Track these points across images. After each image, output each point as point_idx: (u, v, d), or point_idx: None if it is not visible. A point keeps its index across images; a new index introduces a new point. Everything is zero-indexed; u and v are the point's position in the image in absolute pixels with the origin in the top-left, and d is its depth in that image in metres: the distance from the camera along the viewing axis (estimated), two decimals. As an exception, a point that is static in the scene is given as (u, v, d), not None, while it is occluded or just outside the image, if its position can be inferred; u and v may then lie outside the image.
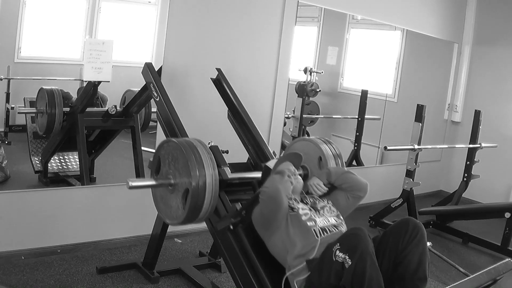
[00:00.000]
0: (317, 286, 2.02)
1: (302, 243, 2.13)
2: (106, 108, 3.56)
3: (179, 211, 2.26)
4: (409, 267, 2.04)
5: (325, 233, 2.16)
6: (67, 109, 3.48)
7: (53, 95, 3.40)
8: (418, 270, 2.04)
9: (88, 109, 3.48)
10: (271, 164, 2.45)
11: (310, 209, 2.28)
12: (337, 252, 1.93)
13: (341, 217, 2.35)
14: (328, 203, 2.38)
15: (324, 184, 2.42)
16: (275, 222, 2.18)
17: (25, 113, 3.57)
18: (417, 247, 2.07)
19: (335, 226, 2.25)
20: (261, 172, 2.52)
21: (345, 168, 2.54)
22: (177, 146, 2.25)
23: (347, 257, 1.89)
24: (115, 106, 3.53)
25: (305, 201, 2.36)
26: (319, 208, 2.32)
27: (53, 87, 3.44)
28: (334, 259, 1.93)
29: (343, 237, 2.00)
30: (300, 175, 2.45)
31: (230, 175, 2.43)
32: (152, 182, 2.34)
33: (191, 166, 2.16)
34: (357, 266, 1.87)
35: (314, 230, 2.16)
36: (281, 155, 2.59)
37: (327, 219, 2.27)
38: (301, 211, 2.23)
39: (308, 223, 2.18)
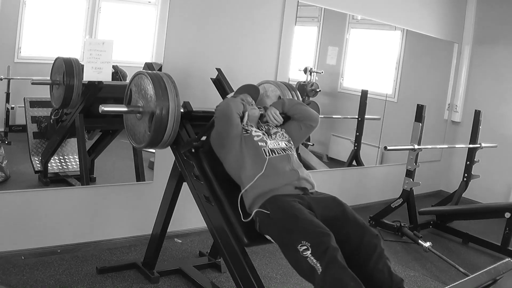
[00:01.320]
0: (272, 227, 2.19)
1: (252, 160, 2.37)
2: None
3: (145, 134, 2.55)
4: (382, 276, 2.03)
5: (273, 154, 2.41)
6: (86, 81, 3.33)
7: (71, 65, 3.30)
8: (392, 277, 2.03)
9: (110, 82, 3.38)
10: (230, 95, 2.72)
11: (263, 134, 2.51)
12: (308, 253, 1.94)
13: (291, 142, 2.58)
14: (281, 130, 2.61)
15: (279, 113, 2.62)
16: (229, 139, 2.42)
17: (40, 83, 3.43)
18: (379, 259, 2.06)
19: (283, 149, 2.47)
20: None
21: (299, 100, 2.81)
22: (146, 77, 2.52)
23: (318, 264, 1.91)
24: None
25: (260, 128, 2.57)
26: (272, 133, 2.55)
27: (71, 56, 3.34)
28: (302, 253, 1.95)
29: (313, 238, 1.98)
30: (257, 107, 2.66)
31: (195, 108, 2.67)
32: (124, 108, 2.62)
33: (157, 94, 2.45)
34: (328, 275, 1.87)
35: (264, 150, 2.40)
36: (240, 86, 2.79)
37: (277, 143, 2.50)
38: (254, 133, 2.48)
39: (260, 143, 2.43)
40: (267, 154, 2.39)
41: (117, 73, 3.62)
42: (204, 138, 2.57)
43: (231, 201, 2.40)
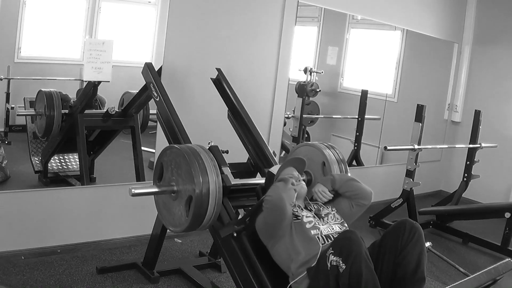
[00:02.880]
0: None
1: (306, 251, 2.12)
2: (105, 109, 3.56)
3: (182, 218, 2.25)
4: (408, 268, 2.04)
5: (329, 241, 2.14)
6: (66, 111, 3.49)
7: (51, 98, 3.41)
8: (417, 271, 2.04)
9: (87, 111, 3.49)
10: (274, 170, 2.43)
11: (314, 216, 2.26)
12: (331, 256, 1.93)
13: (345, 225, 2.32)
14: (332, 210, 2.36)
15: (328, 191, 2.40)
16: (279, 231, 2.16)
17: (24, 115, 3.59)
18: (414, 248, 2.07)
19: (339, 233, 2.21)
20: (264, 178, 2.51)
21: (350, 175, 2.51)
22: (180, 152, 2.25)
23: (340, 261, 1.89)
24: (114, 107, 3.53)
25: (309, 208, 2.33)
26: (323, 215, 2.30)
27: (51, 89, 3.45)
28: (328, 264, 1.93)
29: (335, 241, 2.00)
30: (303, 180, 2.42)
31: (233, 181, 2.41)
32: (155, 189, 2.33)
33: (195, 173, 2.16)
34: (352, 269, 1.87)
35: (318, 237, 2.15)
36: (285, 160, 2.54)
37: (331, 227, 2.25)
38: (305, 219, 2.21)
39: (312, 231, 2.17)
40: (322, 243, 2.13)
41: (96, 100, 3.65)
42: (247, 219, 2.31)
43: None
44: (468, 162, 4.68)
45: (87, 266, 3.00)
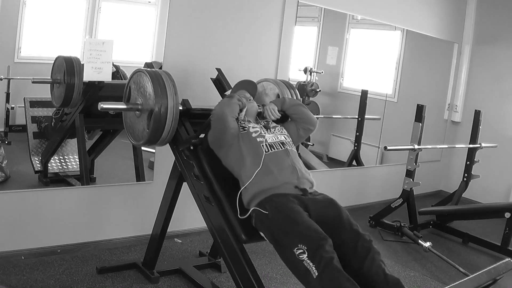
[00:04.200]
0: (268, 226, 2.18)
1: (251, 156, 2.37)
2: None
3: (144, 132, 2.57)
4: (378, 277, 2.01)
5: (272, 149, 2.40)
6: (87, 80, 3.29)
7: (72, 63, 3.28)
8: (386, 277, 2.01)
9: (111, 81, 3.36)
10: (229, 93, 2.73)
11: (261, 128, 2.51)
12: (304, 256, 1.95)
13: (290, 138, 2.56)
14: (280, 126, 2.61)
15: (277, 111, 2.62)
16: (226, 141, 2.43)
17: (41, 82, 3.39)
18: (373, 267, 2.03)
19: (282, 143, 2.46)
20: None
21: (300, 102, 2.78)
22: (145, 75, 2.53)
23: (313, 268, 1.91)
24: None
25: (258, 123, 2.57)
26: (270, 127, 2.55)
27: (71, 55, 3.33)
28: (298, 256, 1.96)
29: (310, 242, 1.98)
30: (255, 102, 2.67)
31: (194, 106, 2.67)
32: (123, 106, 2.64)
33: (156, 92, 2.46)
34: (324, 280, 1.88)
35: (262, 145, 2.40)
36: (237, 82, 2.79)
37: (276, 136, 2.49)
38: (251, 129, 2.47)
39: (258, 139, 2.43)
40: (266, 149, 2.38)
41: (118, 72, 3.63)
42: (202, 135, 2.58)
43: (230, 200, 2.39)
44: (468, 162, 4.68)
45: (87, 266, 3.00)
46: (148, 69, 2.64)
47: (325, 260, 1.90)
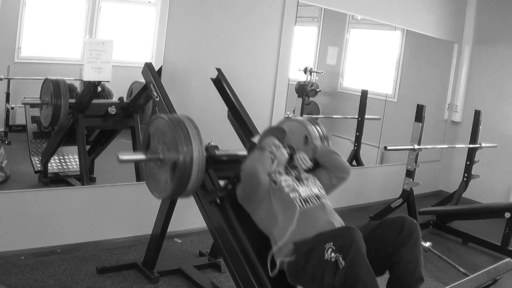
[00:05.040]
0: (301, 274, 2.06)
1: (284, 214, 2.18)
2: (113, 100, 3.54)
3: (167, 184, 2.33)
4: (407, 267, 2.03)
5: (307, 204, 2.20)
6: (73, 100, 3.43)
7: (58, 86, 3.35)
8: (415, 271, 2.03)
9: (95, 101, 3.43)
10: (256, 139, 2.53)
11: (293, 180, 2.31)
12: (330, 251, 1.93)
13: (323, 190, 2.37)
14: (312, 176, 2.42)
15: (309, 159, 2.45)
16: (257, 197, 2.23)
17: (30, 103, 3.50)
18: (414, 248, 2.05)
19: (317, 196, 2.27)
20: (248, 149, 2.57)
21: (332, 148, 2.58)
22: (165, 122, 2.32)
23: (340, 258, 1.89)
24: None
25: (289, 174, 2.38)
26: (303, 179, 2.34)
27: (58, 78, 3.39)
28: (326, 257, 1.93)
29: (337, 237, 1.98)
30: (285, 149, 2.48)
31: (218, 152, 2.50)
32: (142, 157, 2.41)
33: (179, 141, 2.24)
34: (350, 269, 1.87)
35: (296, 200, 2.19)
36: (266, 128, 2.63)
37: (310, 189, 2.29)
38: (283, 183, 2.26)
39: (291, 194, 2.22)
40: (300, 205, 2.18)
41: (103, 91, 3.63)
42: (229, 187, 2.40)
43: (261, 258, 2.22)
44: (468, 162, 4.68)
45: (87, 266, 3.00)
46: (169, 114, 2.47)
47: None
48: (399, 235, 2.05)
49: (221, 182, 2.48)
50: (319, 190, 2.32)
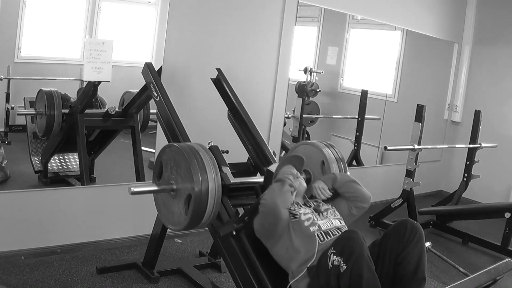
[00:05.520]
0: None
1: (305, 249, 2.11)
2: (106, 109, 3.56)
3: (181, 216, 2.25)
4: (408, 267, 2.04)
5: (328, 237, 2.13)
6: (66, 110, 3.49)
7: (52, 97, 3.40)
8: (417, 271, 2.04)
9: (87, 111, 3.48)
10: (273, 168, 2.41)
11: (312, 212, 2.24)
12: (332, 256, 1.92)
13: (343, 221, 2.31)
14: (332, 207, 2.35)
15: (328, 189, 2.37)
16: (277, 232, 2.15)
17: (25, 114, 3.58)
18: (415, 248, 2.07)
19: (338, 228, 2.20)
20: (263, 177, 2.50)
21: (352, 177, 2.47)
22: (179, 151, 2.24)
23: (342, 261, 1.89)
24: (114, 107, 3.53)
25: (308, 205, 2.32)
26: (322, 211, 2.27)
27: (52, 89, 3.44)
28: (329, 263, 1.92)
29: (337, 241, 1.99)
30: (303, 178, 2.41)
31: (233, 179, 2.42)
32: (154, 188, 2.34)
33: (194, 171, 2.15)
34: (353, 270, 1.86)
35: (316, 234, 2.13)
36: (283, 157, 2.55)
37: (330, 222, 2.23)
38: (303, 217, 2.19)
39: (311, 228, 2.15)
40: (321, 239, 2.12)
41: (96, 100, 3.65)
42: (246, 218, 2.31)
43: None
44: (468, 162, 4.68)
45: (87, 266, 3.00)
46: (181, 143, 2.40)
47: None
48: (403, 237, 2.06)
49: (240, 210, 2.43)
50: (339, 222, 2.26)
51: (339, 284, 1.91)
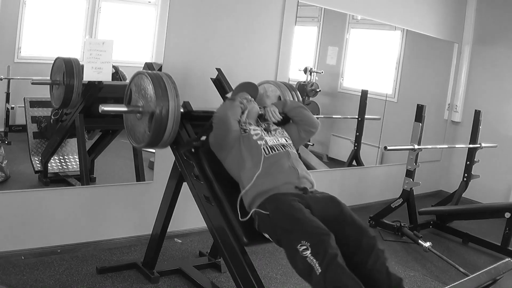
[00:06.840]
0: (270, 228, 2.19)
1: (251, 158, 2.37)
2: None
3: (145, 134, 2.56)
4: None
5: (273, 151, 2.40)
6: (86, 81, 3.32)
7: (71, 65, 3.29)
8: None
9: (110, 82, 3.36)
10: (229, 95, 2.74)
11: (262, 130, 2.50)
12: (307, 252, 1.93)
13: (291, 141, 2.56)
14: (281, 129, 2.61)
15: (279, 113, 2.61)
16: (227, 143, 2.43)
17: (40, 83, 3.41)
18: (375, 264, 2.04)
19: (283, 145, 2.46)
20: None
21: (301, 104, 2.76)
22: (146, 77, 2.54)
23: (317, 264, 1.90)
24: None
25: (259, 126, 2.56)
26: (271, 130, 2.54)
27: (71, 56, 3.33)
28: (301, 253, 1.94)
29: (313, 238, 1.97)
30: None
31: (195, 108, 2.68)
32: (124, 108, 2.64)
33: (157, 94, 2.45)
34: (328, 276, 1.87)
35: (263, 148, 2.39)
36: (239, 84, 2.78)
37: (277, 139, 2.49)
38: (252, 132, 2.47)
39: (258, 142, 2.42)
40: (266, 152, 2.38)
41: (117, 73, 3.63)
42: (203, 137, 2.57)
43: (230, 201, 2.38)
44: (468, 162, 4.68)
45: (87, 266, 3.00)
46: (149, 71, 2.64)
47: (328, 256, 1.89)
48: (359, 248, 2.07)
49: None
50: (285, 140, 2.52)
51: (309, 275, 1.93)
